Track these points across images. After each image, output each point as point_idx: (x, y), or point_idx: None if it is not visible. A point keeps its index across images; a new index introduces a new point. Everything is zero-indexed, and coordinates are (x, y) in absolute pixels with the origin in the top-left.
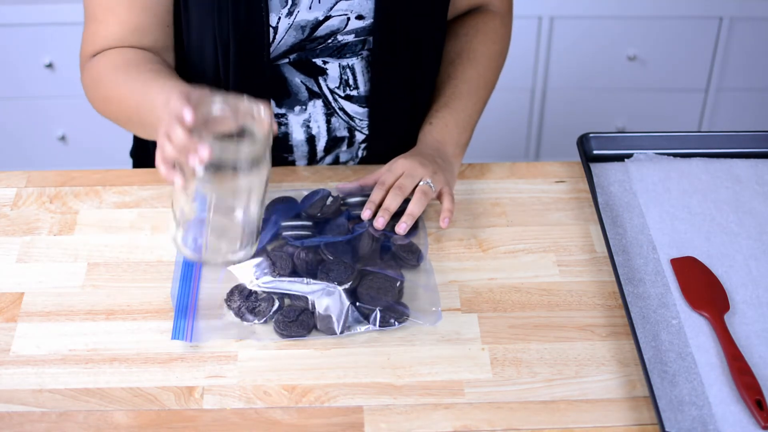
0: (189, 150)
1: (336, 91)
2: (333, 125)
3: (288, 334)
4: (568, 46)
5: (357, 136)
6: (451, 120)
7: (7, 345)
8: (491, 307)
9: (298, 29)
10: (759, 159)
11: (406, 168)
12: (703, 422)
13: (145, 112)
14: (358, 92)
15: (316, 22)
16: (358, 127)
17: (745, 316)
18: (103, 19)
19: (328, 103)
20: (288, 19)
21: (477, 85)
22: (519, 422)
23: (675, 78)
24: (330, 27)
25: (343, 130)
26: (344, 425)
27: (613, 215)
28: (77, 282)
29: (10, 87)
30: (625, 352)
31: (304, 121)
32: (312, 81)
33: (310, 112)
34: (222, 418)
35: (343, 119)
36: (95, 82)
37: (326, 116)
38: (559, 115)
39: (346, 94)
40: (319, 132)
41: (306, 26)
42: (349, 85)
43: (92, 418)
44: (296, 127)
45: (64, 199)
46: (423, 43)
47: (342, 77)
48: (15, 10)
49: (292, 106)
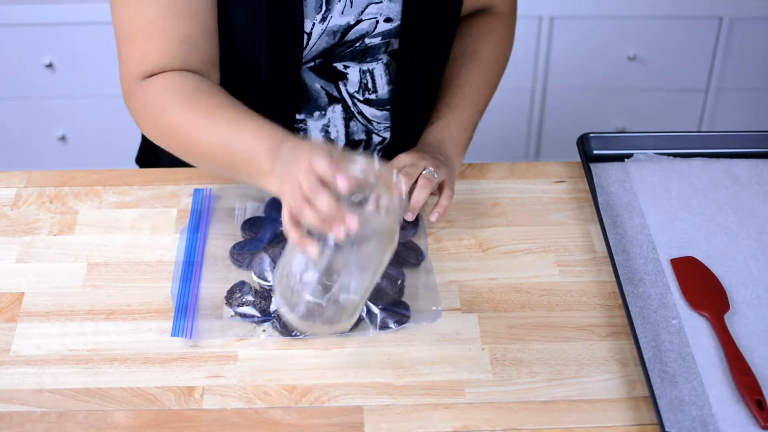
0: (335, 220)
1: (355, 95)
2: (351, 129)
3: (288, 332)
4: (568, 46)
5: (374, 139)
6: (452, 120)
7: (7, 345)
8: (491, 307)
9: (330, 34)
10: (759, 159)
11: (408, 161)
12: (703, 422)
13: (240, 159)
14: (377, 96)
15: (347, 27)
16: (375, 130)
17: (745, 316)
18: (148, 35)
19: (348, 108)
20: (322, 25)
21: (479, 85)
22: (519, 422)
23: (675, 78)
24: (360, 31)
25: (361, 134)
26: (344, 425)
27: (613, 215)
28: (77, 282)
29: (10, 87)
30: (625, 352)
31: (323, 126)
32: (332, 86)
33: (329, 117)
34: (222, 418)
35: (361, 123)
36: (155, 113)
37: (345, 120)
38: (559, 115)
39: (365, 98)
40: (337, 136)
41: (338, 31)
42: (368, 89)
43: (92, 418)
44: (315, 132)
45: (64, 199)
46: (442, 45)
47: (362, 81)
48: (15, 10)
49: (311, 112)
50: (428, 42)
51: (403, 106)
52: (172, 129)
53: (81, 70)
